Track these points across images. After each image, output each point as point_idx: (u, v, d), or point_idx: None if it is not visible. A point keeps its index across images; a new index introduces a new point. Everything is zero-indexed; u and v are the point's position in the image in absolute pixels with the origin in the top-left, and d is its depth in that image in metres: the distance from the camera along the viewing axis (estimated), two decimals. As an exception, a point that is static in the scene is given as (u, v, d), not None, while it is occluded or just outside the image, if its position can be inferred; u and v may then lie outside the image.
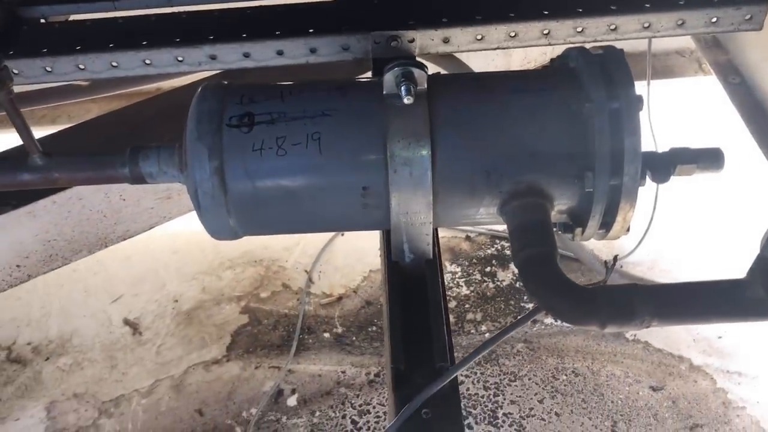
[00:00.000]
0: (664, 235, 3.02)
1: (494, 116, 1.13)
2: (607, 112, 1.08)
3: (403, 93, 1.07)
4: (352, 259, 3.25)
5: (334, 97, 1.14)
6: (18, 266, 2.00)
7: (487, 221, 1.20)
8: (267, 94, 1.15)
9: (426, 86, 1.11)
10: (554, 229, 1.20)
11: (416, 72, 1.09)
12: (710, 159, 1.13)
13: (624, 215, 1.12)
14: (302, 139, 1.11)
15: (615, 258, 1.09)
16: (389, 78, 1.10)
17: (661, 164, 1.12)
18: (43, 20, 1.89)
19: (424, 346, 1.13)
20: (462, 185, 1.13)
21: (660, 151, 1.17)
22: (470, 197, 1.15)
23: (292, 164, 1.11)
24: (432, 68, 2.33)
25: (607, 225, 1.15)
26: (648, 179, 1.12)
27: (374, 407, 2.65)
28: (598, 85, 1.10)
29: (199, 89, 1.17)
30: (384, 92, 1.11)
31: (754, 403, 2.62)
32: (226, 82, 1.20)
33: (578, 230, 1.17)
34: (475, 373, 2.76)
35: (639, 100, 1.08)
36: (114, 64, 1.73)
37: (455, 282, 3.12)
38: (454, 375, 1.09)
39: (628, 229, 1.16)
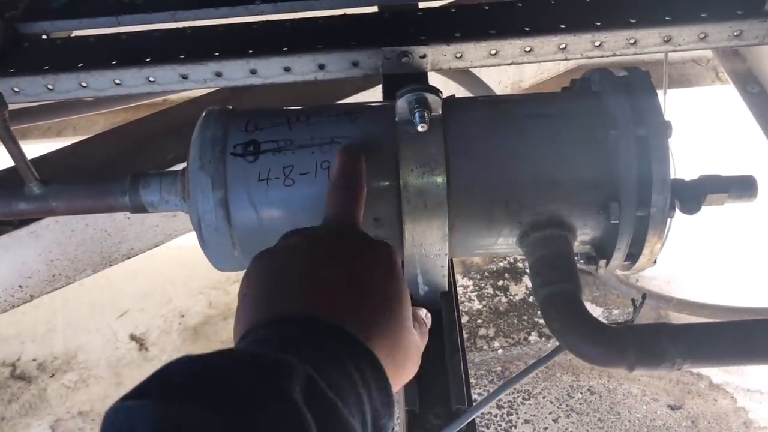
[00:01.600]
0: (682, 248, 2.95)
1: (513, 143, 1.07)
2: (633, 140, 1.02)
3: (417, 120, 1.02)
4: (362, 272, 3.20)
5: (344, 124, 1.09)
6: (20, 287, 1.96)
7: (506, 252, 1.15)
8: (273, 120, 1.09)
9: (440, 112, 1.05)
10: (577, 259, 1.14)
11: (430, 98, 1.03)
12: (743, 187, 1.07)
13: (651, 247, 1.06)
14: (311, 168, 1.05)
15: (643, 296, 1.02)
16: (402, 104, 1.04)
17: (691, 194, 1.06)
18: (44, 36, 1.84)
19: (440, 386, 1.07)
20: (479, 215, 1.08)
21: (687, 177, 1.11)
22: (488, 228, 1.09)
23: (301, 195, 1.06)
24: (443, 81, 2.28)
25: (633, 257, 1.09)
26: (677, 210, 1.05)
27: (385, 427, 2.59)
28: (623, 110, 1.04)
29: (203, 115, 1.12)
30: (396, 119, 1.05)
31: (776, 423, 2.55)
32: (230, 107, 1.14)
33: (602, 262, 1.11)
34: (488, 391, 2.69)
35: (667, 126, 1.02)
36: (117, 81, 1.68)
37: (467, 296, 3.06)
38: (472, 418, 1.03)
39: (655, 262, 1.10)
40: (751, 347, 0.98)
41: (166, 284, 3.20)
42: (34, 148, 2.20)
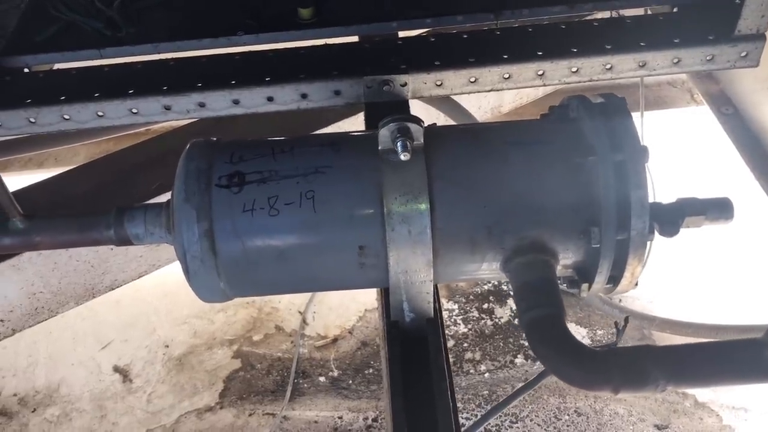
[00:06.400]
0: (664, 268, 2.98)
1: (494, 170, 1.09)
2: (611, 165, 1.04)
3: (400, 149, 1.03)
4: (347, 298, 3.20)
5: (328, 154, 1.10)
6: (2, 321, 1.94)
7: (490, 277, 1.16)
8: (257, 151, 1.10)
9: (422, 141, 1.07)
10: (560, 283, 1.15)
11: (412, 127, 1.05)
12: (719, 209, 1.09)
13: (632, 270, 1.08)
14: (295, 198, 1.06)
15: (626, 319, 1.04)
16: (384, 133, 1.05)
17: (669, 216, 1.08)
18: (26, 69, 1.84)
19: (428, 413, 1.07)
20: (463, 242, 1.09)
21: (665, 199, 1.13)
22: (471, 254, 1.10)
23: (286, 224, 1.07)
24: (423, 107, 2.30)
25: (614, 280, 1.11)
26: (656, 233, 1.07)
27: (373, 454, 2.58)
28: (601, 136, 1.06)
29: (187, 147, 1.13)
30: (379, 148, 1.07)
31: (761, 440, 2.57)
32: (215, 139, 1.15)
33: (584, 286, 1.12)
34: (476, 416, 2.69)
35: (644, 151, 1.04)
36: (100, 113, 1.68)
37: (452, 320, 3.06)
38: (461, 445, 1.03)
39: (636, 284, 1.11)
40: (732, 367, 0.99)
41: (150, 314, 3.17)
42: (15, 180, 2.19)
